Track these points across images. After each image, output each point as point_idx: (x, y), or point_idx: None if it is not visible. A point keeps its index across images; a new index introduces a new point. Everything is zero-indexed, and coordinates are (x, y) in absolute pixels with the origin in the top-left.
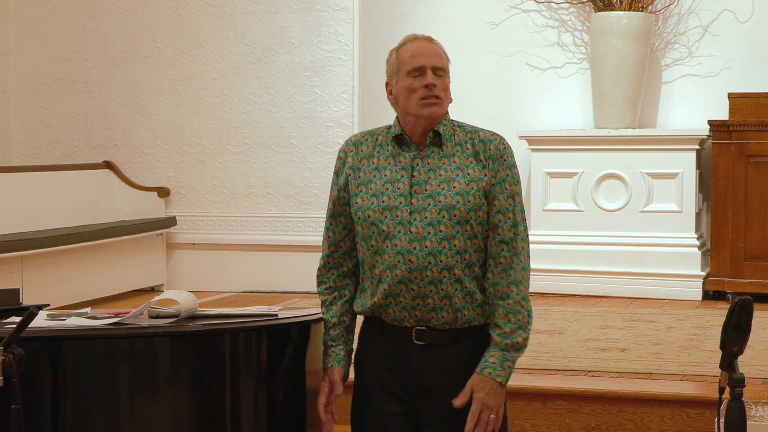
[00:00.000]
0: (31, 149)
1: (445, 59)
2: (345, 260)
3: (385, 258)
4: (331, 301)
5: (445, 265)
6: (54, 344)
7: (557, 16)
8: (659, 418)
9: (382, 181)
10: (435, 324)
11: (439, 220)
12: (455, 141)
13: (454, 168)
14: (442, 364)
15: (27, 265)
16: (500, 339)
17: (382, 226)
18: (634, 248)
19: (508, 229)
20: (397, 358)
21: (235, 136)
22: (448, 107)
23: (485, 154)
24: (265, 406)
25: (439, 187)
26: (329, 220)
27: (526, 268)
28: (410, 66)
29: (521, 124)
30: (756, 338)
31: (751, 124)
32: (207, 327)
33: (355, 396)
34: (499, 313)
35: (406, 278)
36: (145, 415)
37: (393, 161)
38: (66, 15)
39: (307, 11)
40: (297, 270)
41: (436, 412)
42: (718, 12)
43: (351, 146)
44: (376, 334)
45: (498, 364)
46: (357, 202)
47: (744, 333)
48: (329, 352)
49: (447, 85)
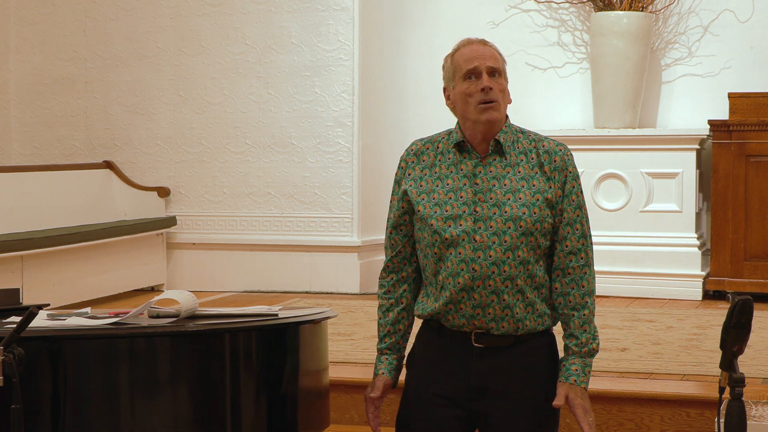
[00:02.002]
0: (31, 149)
1: (500, 60)
2: (405, 265)
3: (448, 265)
4: (388, 307)
5: (508, 275)
6: (54, 344)
7: (557, 15)
8: (659, 418)
9: (445, 190)
10: (495, 333)
11: (505, 230)
12: (519, 149)
13: (519, 178)
14: (501, 366)
15: (27, 265)
16: (578, 348)
17: (446, 234)
18: (634, 248)
19: (577, 240)
20: (455, 360)
21: (235, 136)
22: (506, 109)
23: (550, 166)
24: (265, 406)
25: (505, 197)
26: (389, 229)
27: (594, 277)
28: (465, 69)
29: (521, 124)
30: (756, 338)
31: (751, 124)
32: (207, 327)
33: (406, 396)
34: (575, 324)
35: (469, 286)
36: (145, 414)
37: (455, 169)
38: (66, 15)
39: (307, 11)
40: (297, 270)
41: (495, 413)
42: (718, 12)
43: (412, 156)
44: (434, 336)
45: (581, 371)
46: (419, 210)
47: (744, 333)
48: (382, 359)
49: (504, 86)
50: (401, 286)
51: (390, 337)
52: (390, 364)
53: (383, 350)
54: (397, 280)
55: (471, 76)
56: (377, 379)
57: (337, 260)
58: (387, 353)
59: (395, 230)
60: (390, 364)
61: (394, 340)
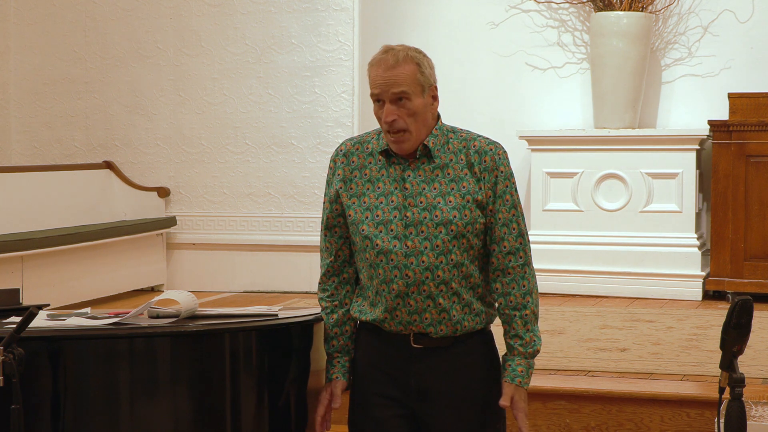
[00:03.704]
0: (31, 149)
1: (410, 79)
2: (345, 267)
3: (379, 272)
4: (332, 309)
5: (443, 279)
6: (54, 344)
7: (557, 16)
8: (659, 418)
9: (376, 194)
10: (434, 336)
11: (436, 235)
12: (449, 150)
13: (448, 180)
14: (441, 367)
15: (27, 265)
16: (523, 349)
17: (377, 240)
18: (634, 248)
19: (514, 239)
20: (396, 361)
21: (235, 136)
22: (418, 130)
23: (480, 166)
24: (266, 407)
25: (435, 200)
26: (324, 231)
27: (534, 275)
28: (371, 92)
29: (521, 124)
30: (756, 338)
31: (751, 124)
32: (207, 327)
33: (353, 400)
34: (518, 324)
35: (404, 293)
36: (145, 415)
37: (386, 173)
38: (66, 15)
39: (307, 11)
40: (297, 270)
41: (436, 415)
42: (718, 12)
43: (342, 157)
44: (373, 338)
45: (525, 373)
46: (350, 215)
47: (744, 333)
48: (334, 362)
49: (415, 109)
50: (344, 287)
51: (337, 340)
52: (343, 366)
53: (333, 354)
54: (339, 283)
55: (378, 100)
56: (334, 385)
57: None
58: (338, 356)
59: (330, 232)
60: (343, 367)
61: (342, 342)
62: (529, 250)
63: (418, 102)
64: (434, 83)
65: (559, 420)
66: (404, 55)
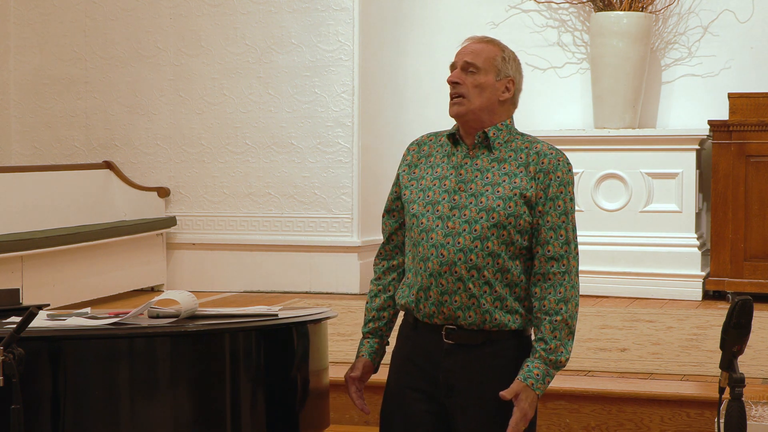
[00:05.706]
0: (31, 149)
1: (486, 57)
2: (396, 254)
3: (419, 250)
4: (376, 293)
5: (474, 264)
6: (54, 344)
7: (557, 16)
8: (659, 418)
9: (432, 177)
10: (463, 323)
11: (477, 220)
12: (511, 147)
13: (502, 173)
14: (469, 364)
15: (27, 265)
16: (546, 354)
17: (422, 219)
18: (634, 248)
19: (560, 246)
20: (427, 355)
21: (235, 136)
22: (479, 104)
23: (537, 167)
24: (265, 406)
25: (484, 188)
26: (383, 213)
27: (575, 286)
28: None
29: (521, 124)
30: (756, 338)
31: (751, 124)
32: (207, 327)
33: (386, 391)
34: (546, 329)
35: (437, 272)
36: (145, 415)
37: (447, 160)
38: (66, 15)
39: (307, 11)
40: (297, 270)
41: (463, 411)
42: (718, 12)
43: (414, 145)
44: (410, 330)
45: (540, 378)
46: (405, 194)
47: (744, 333)
48: (364, 342)
49: (481, 82)
50: (391, 274)
51: (373, 323)
52: (371, 347)
53: (366, 334)
54: (387, 268)
55: (454, 68)
56: (357, 361)
57: (336, 260)
58: (369, 337)
59: (387, 214)
60: (371, 347)
61: (377, 326)
62: (574, 260)
63: (487, 79)
64: (512, 76)
65: (559, 420)
66: (492, 39)
